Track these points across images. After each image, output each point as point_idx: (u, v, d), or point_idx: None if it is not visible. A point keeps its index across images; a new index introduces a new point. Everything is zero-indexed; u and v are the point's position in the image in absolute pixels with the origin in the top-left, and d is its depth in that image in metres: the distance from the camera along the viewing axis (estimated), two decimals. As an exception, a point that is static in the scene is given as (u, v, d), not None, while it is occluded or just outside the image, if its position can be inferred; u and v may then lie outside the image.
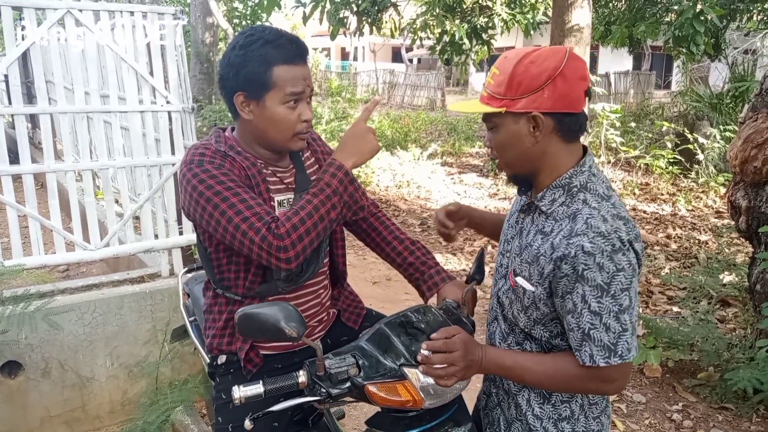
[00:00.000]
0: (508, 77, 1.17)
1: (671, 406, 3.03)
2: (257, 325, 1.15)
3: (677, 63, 13.70)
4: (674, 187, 7.53)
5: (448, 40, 8.77)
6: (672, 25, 7.39)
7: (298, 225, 1.27)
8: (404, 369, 1.21)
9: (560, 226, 1.17)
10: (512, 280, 1.26)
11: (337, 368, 1.23)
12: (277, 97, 1.34)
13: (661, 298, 4.32)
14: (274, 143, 1.41)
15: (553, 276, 1.15)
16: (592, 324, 1.12)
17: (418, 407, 1.21)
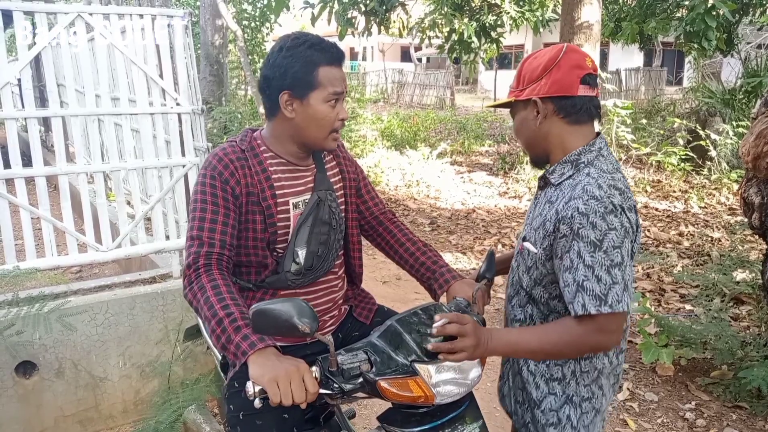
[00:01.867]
0: (518, 73, 1.43)
1: (684, 405, 3.00)
2: (271, 321, 1.17)
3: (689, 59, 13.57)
4: (686, 184, 7.47)
5: (457, 38, 8.75)
6: (683, 21, 7.32)
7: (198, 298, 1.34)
8: (416, 365, 1.22)
9: (565, 194, 1.33)
10: (522, 244, 1.44)
11: (350, 364, 1.24)
12: (320, 96, 1.43)
13: (674, 296, 4.28)
14: (312, 140, 1.50)
15: (554, 238, 1.31)
16: (585, 276, 1.25)
17: (430, 403, 1.22)
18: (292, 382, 1.17)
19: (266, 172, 1.50)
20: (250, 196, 1.47)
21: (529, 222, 1.46)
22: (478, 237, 5.92)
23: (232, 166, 1.45)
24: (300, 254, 1.53)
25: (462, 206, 7.15)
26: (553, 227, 1.31)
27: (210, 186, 1.44)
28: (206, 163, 1.48)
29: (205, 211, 1.42)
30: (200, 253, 1.38)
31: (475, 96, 25.13)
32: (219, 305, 1.30)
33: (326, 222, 1.58)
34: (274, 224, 1.50)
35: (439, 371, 1.22)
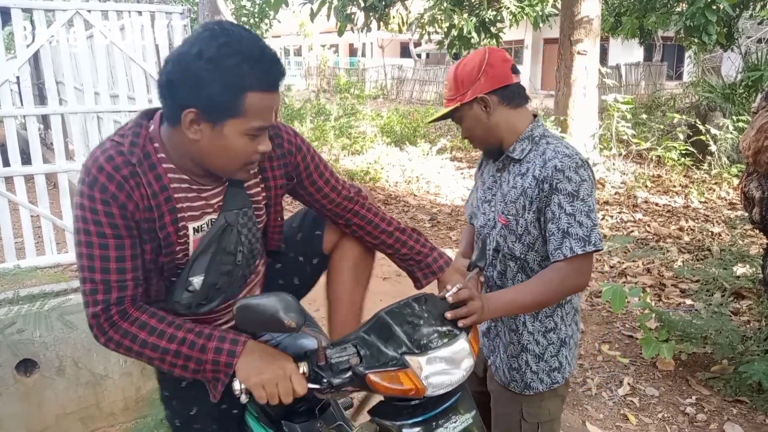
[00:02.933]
0: (453, 81, 1.59)
1: (684, 400, 3.01)
2: (255, 316, 1.14)
3: (689, 53, 13.54)
4: (686, 179, 7.46)
5: (457, 34, 8.73)
6: (683, 15, 7.31)
7: (133, 340, 1.18)
8: (406, 357, 1.20)
9: (535, 162, 1.54)
10: (503, 219, 1.60)
11: (338, 358, 1.21)
12: (240, 127, 1.13)
13: (674, 291, 4.29)
14: (216, 170, 1.21)
15: (538, 197, 1.50)
16: (568, 223, 1.45)
17: (421, 395, 1.20)
18: (279, 384, 1.15)
19: (166, 191, 1.20)
20: (146, 222, 1.19)
21: (501, 200, 1.62)
22: (479, 233, 5.92)
23: (127, 186, 1.14)
24: (195, 283, 1.30)
25: (462, 202, 7.15)
26: (537, 189, 1.50)
27: (105, 213, 1.13)
28: (91, 181, 1.13)
29: (107, 248, 1.15)
30: (110, 301, 1.16)
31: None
32: (164, 341, 1.18)
33: (230, 252, 1.32)
34: (171, 253, 1.25)
35: (430, 362, 1.20)
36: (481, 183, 1.76)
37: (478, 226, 1.72)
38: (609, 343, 3.62)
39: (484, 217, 1.70)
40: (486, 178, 1.72)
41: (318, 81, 25.23)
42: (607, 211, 6.40)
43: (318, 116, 10.62)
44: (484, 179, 1.74)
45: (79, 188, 1.15)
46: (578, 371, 3.32)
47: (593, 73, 7.60)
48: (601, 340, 3.67)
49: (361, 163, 8.38)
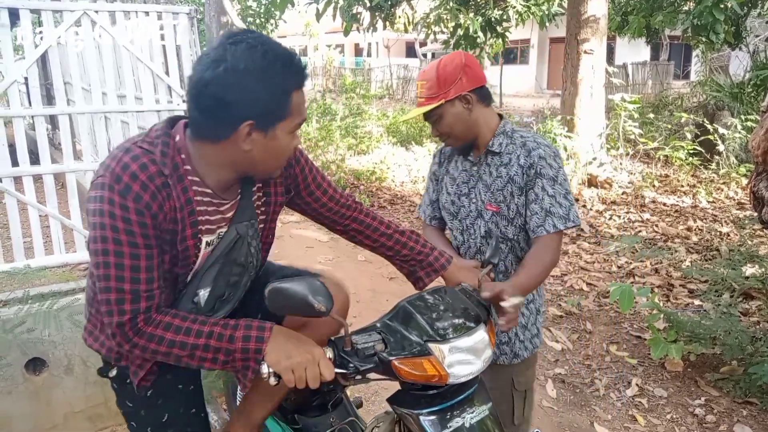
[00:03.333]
0: (436, 80, 1.68)
1: (693, 401, 2.99)
2: (286, 299, 1.18)
3: (696, 52, 13.47)
4: (694, 179, 7.42)
5: (462, 33, 8.71)
6: (691, 14, 7.26)
7: (160, 342, 1.18)
8: (429, 345, 1.23)
9: (517, 153, 1.72)
10: (493, 207, 1.75)
11: (364, 344, 1.25)
12: (288, 127, 1.20)
13: (682, 291, 4.26)
14: (263, 172, 1.27)
15: (525, 183, 1.70)
16: (551, 203, 1.67)
17: (444, 383, 1.24)
18: (308, 368, 1.18)
19: (191, 205, 1.22)
20: (168, 234, 1.20)
21: (485, 191, 1.76)
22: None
23: (159, 197, 1.15)
24: (201, 295, 1.32)
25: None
26: (525, 176, 1.70)
27: (138, 224, 1.13)
28: (123, 189, 1.11)
29: (138, 258, 1.14)
30: (139, 310, 1.17)
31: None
32: (191, 338, 1.19)
33: (240, 264, 1.36)
34: (187, 265, 1.27)
35: (452, 351, 1.24)
36: (449, 180, 1.87)
37: (457, 219, 1.84)
38: (617, 344, 3.60)
39: (464, 209, 1.83)
40: (456, 175, 1.86)
41: (324, 81, 25.24)
42: (614, 210, 6.37)
43: (324, 116, 10.62)
44: (453, 176, 1.86)
45: (106, 195, 1.12)
46: (586, 372, 3.30)
47: (600, 73, 7.57)
48: (609, 340, 3.65)
49: (367, 163, 8.38)
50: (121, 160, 1.14)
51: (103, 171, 1.15)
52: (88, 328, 1.42)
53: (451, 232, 1.94)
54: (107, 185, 1.12)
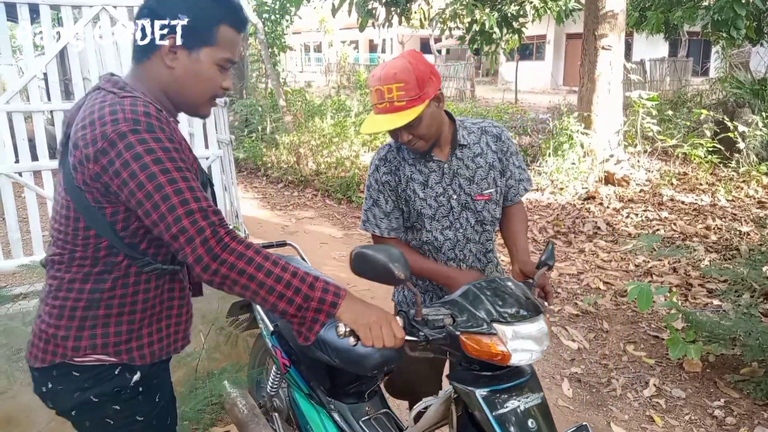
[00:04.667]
0: (415, 81, 1.61)
1: (713, 402, 2.94)
2: (369, 264, 1.29)
3: (716, 48, 13.26)
4: (713, 177, 7.31)
5: (478, 29, 8.65)
6: (711, 9, 7.13)
7: (249, 263, 1.16)
8: (495, 325, 1.30)
9: (483, 141, 1.86)
10: (484, 196, 1.84)
11: (434, 316, 1.33)
12: (213, 55, 1.26)
13: (701, 291, 4.20)
14: (188, 101, 1.31)
15: (503, 166, 1.87)
16: (519, 173, 1.92)
17: (506, 363, 1.30)
18: (383, 327, 1.24)
19: (176, 132, 1.26)
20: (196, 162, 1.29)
21: (467, 182, 1.82)
22: (500, 230, 5.87)
23: (164, 120, 1.21)
24: None
25: (483, 199, 7.10)
26: (500, 160, 1.86)
27: (175, 150, 1.18)
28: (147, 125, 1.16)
29: (188, 180, 1.17)
30: (215, 224, 1.16)
31: (496, 88, 24.89)
32: (277, 269, 1.18)
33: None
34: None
35: (516, 333, 1.30)
36: (418, 185, 1.81)
37: (435, 220, 1.83)
38: (634, 344, 3.56)
39: (443, 208, 1.83)
40: (423, 178, 1.81)
41: (338, 77, 25.24)
42: (632, 209, 6.30)
43: (339, 112, 10.62)
44: (420, 180, 1.81)
45: (138, 137, 1.14)
46: (603, 371, 3.27)
47: (618, 69, 7.47)
48: (626, 340, 3.61)
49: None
50: (125, 110, 1.17)
51: (114, 126, 1.15)
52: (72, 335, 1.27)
53: (427, 234, 1.85)
54: (131, 130, 1.14)
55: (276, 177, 8.32)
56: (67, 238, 1.25)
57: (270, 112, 10.37)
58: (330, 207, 7.08)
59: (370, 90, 1.70)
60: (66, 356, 1.27)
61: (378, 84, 1.62)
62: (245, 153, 9.07)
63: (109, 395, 1.30)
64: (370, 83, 1.68)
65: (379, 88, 1.62)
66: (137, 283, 1.28)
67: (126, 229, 1.23)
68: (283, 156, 8.60)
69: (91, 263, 1.25)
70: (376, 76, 1.65)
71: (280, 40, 14.85)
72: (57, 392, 1.32)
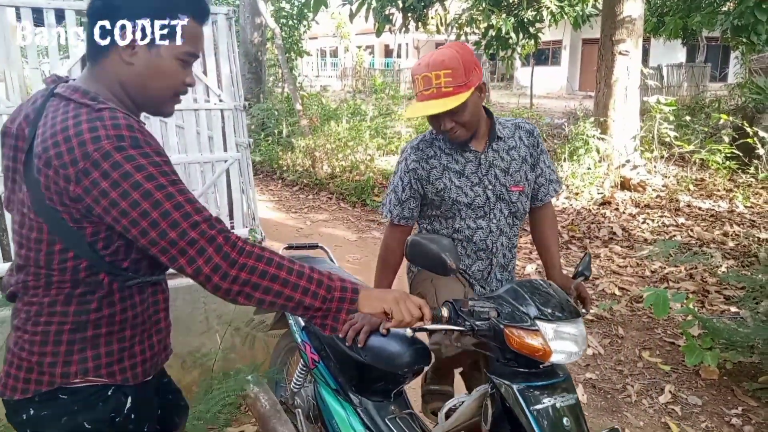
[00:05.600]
0: (462, 68, 1.64)
1: (730, 410, 2.92)
2: (423, 252, 1.37)
3: (735, 54, 13.12)
4: (731, 183, 7.22)
5: (495, 34, 8.66)
6: (730, 15, 7.07)
7: (269, 263, 1.14)
8: (538, 322, 1.34)
9: (517, 135, 1.92)
10: (519, 188, 1.90)
11: (480, 308, 1.39)
12: (174, 49, 1.19)
13: (718, 297, 4.16)
14: (150, 99, 1.23)
15: (533, 160, 1.94)
16: (549, 173, 2.00)
17: (547, 359, 1.34)
18: (405, 301, 1.27)
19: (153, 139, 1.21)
20: None
21: (503, 174, 1.87)
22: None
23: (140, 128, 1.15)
24: None
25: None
26: (532, 155, 1.92)
27: (165, 162, 1.13)
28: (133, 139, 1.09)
29: (185, 192, 1.13)
30: (226, 230, 1.14)
31: (511, 92, 24.82)
32: (297, 266, 1.18)
33: None
34: None
35: (558, 332, 1.34)
36: (454, 174, 1.85)
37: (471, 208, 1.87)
38: (650, 350, 3.53)
39: (479, 198, 1.87)
40: (459, 167, 1.86)
41: (353, 82, 25.34)
42: (648, 214, 6.25)
43: (354, 116, 10.67)
44: (456, 169, 1.85)
45: (124, 155, 1.07)
46: (618, 377, 3.25)
47: (635, 74, 7.43)
48: (642, 346, 3.59)
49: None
50: (106, 126, 1.09)
51: (95, 144, 1.07)
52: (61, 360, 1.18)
53: (460, 222, 1.89)
54: (115, 148, 1.07)
55: (291, 180, 8.38)
56: (40, 262, 1.16)
57: (286, 115, 10.45)
58: (344, 210, 7.12)
59: (415, 78, 1.71)
60: (54, 384, 1.18)
61: (426, 71, 1.65)
62: (261, 156, 9.15)
63: (103, 421, 1.20)
64: (416, 71, 1.69)
65: (426, 74, 1.65)
66: (123, 300, 1.22)
67: (107, 248, 1.16)
68: (299, 159, 8.66)
69: (71, 285, 1.17)
70: (424, 63, 1.67)
71: (297, 45, 14.98)
72: (40, 419, 1.19)
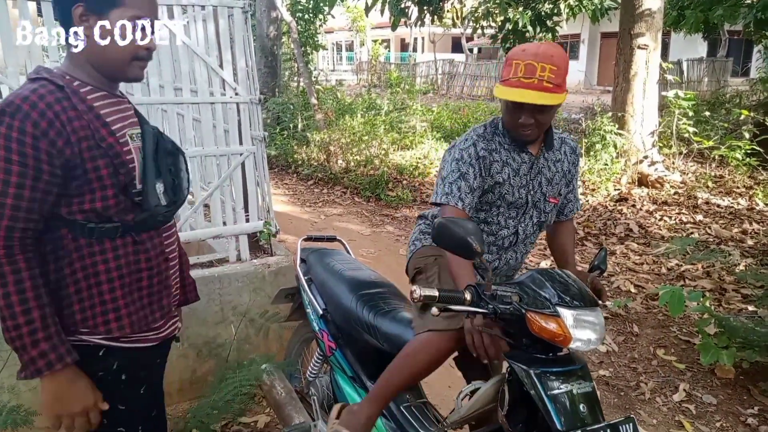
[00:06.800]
0: (563, 72, 1.65)
1: (746, 410, 2.89)
2: (449, 234, 1.38)
3: (758, 48, 12.87)
4: (751, 180, 7.11)
5: (511, 28, 8.59)
6: (754, 8, 6.94)
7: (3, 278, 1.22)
8: (558, 308, 1.36)
9: (563, 150, 1.93)
10: (554, 200, 1.91)
11: (503, 292, 1.41)
12: (122, 15, 1.28)
13: (736, 296, 4.11)
14: (111, 66, 1.33)
15: (570, 177, 1.96)
16: (576, 191, 2.03)
17: (566, 344, 1.36)
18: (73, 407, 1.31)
19: (92, 110, 1.30)
20: (85, 142, 1.26)
21: (547, 183, 1.88)
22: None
23: (50, 113, 1.22)
24: (159, 189, 1.40)
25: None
26: (569, 172, 1.94)
27: (17, 141, 1.19)
28: (13, 109, 1.20)
29: (9, 173, 1.20)
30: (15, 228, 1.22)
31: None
32: (20, 307, 1.23)
33: (170, 152, 1.47)
34: (124, 164, 1.32)
35: (577, 319, 1.35)
36: (511, 171, 1.84)
37: (513, 208, 1.87)
38: (664, 348, 3.50)
39: (520, 200, 1.87)
40: (516, 166, 1.85)
41: (369, 76, 25.31)
42: (665, 211, 6.18)
43: (369, 110, 10.66)
44: (513, 167, 1.85)
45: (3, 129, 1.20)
46: (632, 375, 3.23)
47: (654, 69, 7.32)
48: (657, 344, 3.56)
49: (410, 158, 8.37)
50: (19, 91, 1.24)
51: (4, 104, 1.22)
52: None
53: (494, 216, 1.88)
54: (7, 113, 1.20)
55: (306, 174, 8.41)
56: None
57: (301, 110, 10.47)
58: (358, 204, 7.13)
59: (514, 63, 1.65)
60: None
61: (533, 59, 1.62)
62: (276, 150, 9.19)
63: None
64: (518, 56, 1.64)
65: (532, 62, 1.61)
66: (92, 254, 1.33)
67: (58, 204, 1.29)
68: (314, 153, 8.69)
69: (43, 244, 1.31)
70: (531, 51, 1.63)
71: (313, 39, 14.97)
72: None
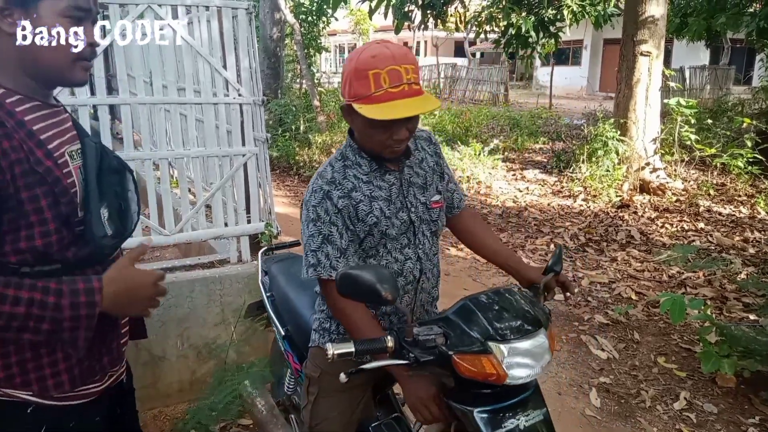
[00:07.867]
0: (418, 69, 1.43)
1: (747, 419, 2.87)
2: (355, 284, 1.21)
3: (761, 56, 12.88)
4: (753, 189, 7.10)
5: (514, 33, 8.59)
6: (757, 16, 6.95)
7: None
8: (489, 343, 1.24)
9: (420, 146, 1.68)
10: (439, 204, 1.65)
11: (425, 336, 1.26)
12: (54, 6, 1.06)
13: (737, 304, 4.09)
14: (47, 68, 1.10)
15: (439, 167, 1.71)
16: (454, 179, 1.80)
17: (501, 382, 1.24)
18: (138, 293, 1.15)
19: (24, 127, 1.07)
20: (18, 166, 1.03)
21: (421, 191, 1.61)
22: (530, 236, 5.82)
23: None
24: (104, 215, 1.17)
25: (513, 204, 7.05)
26: (436, 164, 1.70)
27: None
28: None
29: None
30: None
31: (530, 92, 24.64)
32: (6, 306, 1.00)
33: (115, 169, 1.24)
34: (65, 191, 1.10)
35: (512, 352, 1.24)
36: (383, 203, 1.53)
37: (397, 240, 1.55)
38: (665, 356, 3.49)
39: (404, 224, 1.55)
40: (385, 193, 1.54)
41: (371, 78, 25.30)
42: (667, 218, 6.17)
43: (371, 113, 10.66)
44: (383, 195, 1.53)
45: None
46: (632, 382, 3.22)
47: (656, 76, 7.32)
48: (657, 351, 3.54)
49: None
50: None
51: None
52: None
53: (387, 256, 1.56)
54: None
55: (308, 176, 8.40)
56: None
57: (304, 111, 10.47)
58: (360, 207, 7.11)
59: (372, 74, 1.34)
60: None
61: (393, 63, 1.34)
62: (278, 152, 9.19)
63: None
64: (372, 65, 1.34)
65: (394, 68, 1.34)
66: None
67: None
68: (316, 155, 8.69)
69: None
70: (386, 55, 1.35)
71: (316, 41, 14.99)
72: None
